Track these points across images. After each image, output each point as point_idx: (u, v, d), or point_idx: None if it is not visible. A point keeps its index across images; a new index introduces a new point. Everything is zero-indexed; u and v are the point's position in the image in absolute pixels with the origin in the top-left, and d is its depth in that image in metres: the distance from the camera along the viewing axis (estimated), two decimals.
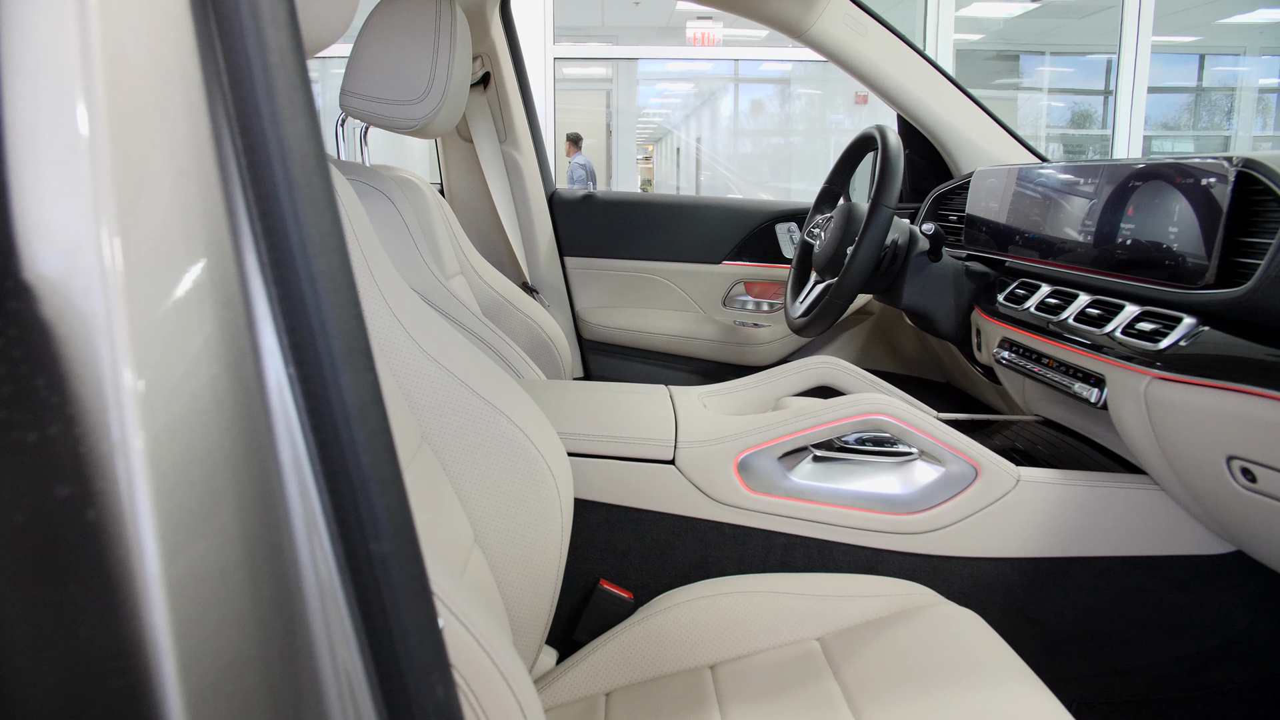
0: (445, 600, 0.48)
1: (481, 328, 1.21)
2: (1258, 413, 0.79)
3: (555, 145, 4.74)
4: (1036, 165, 1.28)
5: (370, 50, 1.19)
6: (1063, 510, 0.99)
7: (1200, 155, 0.95)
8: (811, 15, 1.52)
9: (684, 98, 8.73)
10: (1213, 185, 0.91)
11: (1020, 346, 1.18)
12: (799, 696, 0.79)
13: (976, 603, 1.01)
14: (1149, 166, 1.00)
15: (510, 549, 0.86)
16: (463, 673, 0.48)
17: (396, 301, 0.82)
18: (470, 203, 1.88)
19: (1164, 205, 0.97)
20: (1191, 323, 0.90)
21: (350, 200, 0.80)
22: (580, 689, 0.91)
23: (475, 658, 0.49)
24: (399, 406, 0.78)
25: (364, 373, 0.36)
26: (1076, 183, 1.13)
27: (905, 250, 1.36)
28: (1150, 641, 1.02)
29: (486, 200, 1.79)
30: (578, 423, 1.03)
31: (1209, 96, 7.65)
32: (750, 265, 1.92)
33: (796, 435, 1.01)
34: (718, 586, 0.95)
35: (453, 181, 1.89)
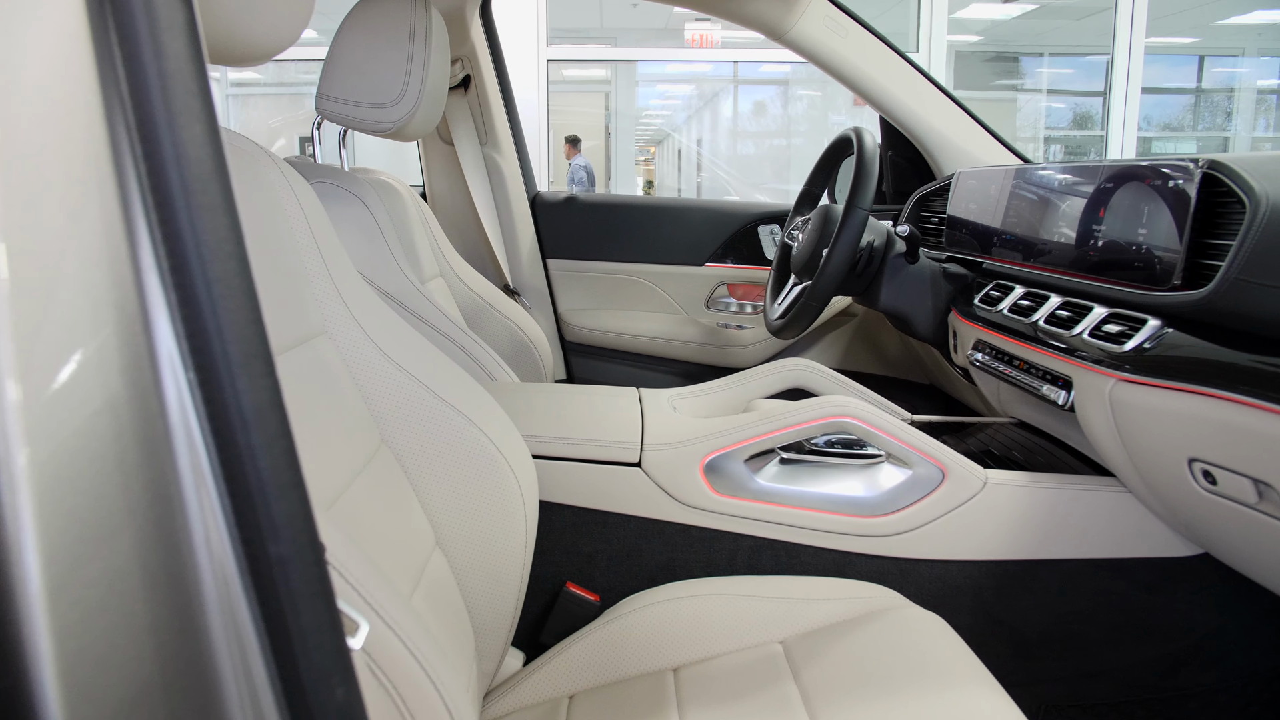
0: (372, 604, 0.48)
1: (455, 330, 1.21)
2: (1217, 415, 0.78)
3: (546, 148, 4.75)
4: (1014, 167, 1.28)
5: (345, 53, 1.19)
6: (1030, 512, 0.99)
7: (1168, 157, 0.95)
8: (791, 17, 1.52)
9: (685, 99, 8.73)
10: (1179, 187, 0.91)
11: (993, 349, 1.18)
12: (757, 700, 0.79)
13: (945, 605, 1.01)
14: (1119, 168, 1.00)
15: (472, 551, 0.86)
16: (390, 676, 0.48)
17: (356, 304, 0.82)
18: (452, 205, 1.88)
19: (1133, 207, 0.97)
20: (1156, 325, 0.90)
21: (309, 203, 0.80)
22: (544, 692, 0.91)
23: (402, 661, 0.49)
24: (356, 409, 0.79)
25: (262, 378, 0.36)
26: (1050, 184, 1.13)
27: (882, 252, 1.36)
28: (1119, 644, 1.02)
29: (468, 203, 1.80)
30: (544, 425, 1.03)
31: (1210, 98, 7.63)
32: (733, 267, 1.92)
33: (762, 438, 1.01)
34: (683, 589, 0.95)
35: (434, 184, 1.89)
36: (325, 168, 1.22)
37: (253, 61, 0.74)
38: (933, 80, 1.61)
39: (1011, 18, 6.60)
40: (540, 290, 1.93)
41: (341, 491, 0.69)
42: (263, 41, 0.71)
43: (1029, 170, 1.22)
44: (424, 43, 1.19)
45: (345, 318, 0.81)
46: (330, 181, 1.20)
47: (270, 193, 0.75)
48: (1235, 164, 0.86)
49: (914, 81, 1.58)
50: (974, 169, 1.41)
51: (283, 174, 0.79)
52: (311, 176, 1.20)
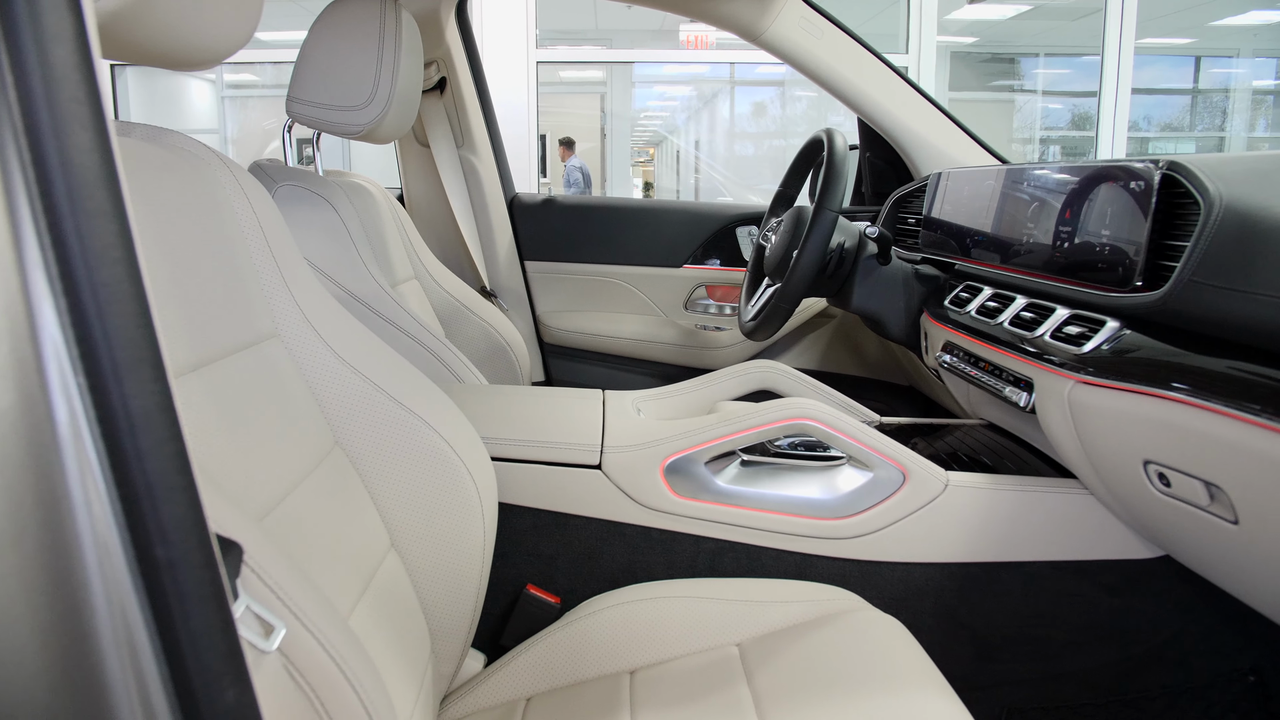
0: (291, 606, 0.49)
1: (423, 333, 1.21)
2: (1169, 417, 0.78)
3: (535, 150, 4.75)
4: (985, 168, 1.28)
5: (315, 56, 1.19)
6: (992, 515, 0.99)
7: (1132, 158, 0.95)
8: (766, 19, 1.52)
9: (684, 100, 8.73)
10: (1140, 189, 0.91)
11: (961, 350, 1.18)
12: (709, 703, 0.79)
13: (907, 608, 1.01)
14: (1084, 169, 1.00)
15: (428, 554, 0.86)
16: (308, 678, 0.49)
17: (310, 307, 0.82)
18: (429, 208, 1.88)
19: (1097, 208, 0.97)
20: (1115, 326, 0.90)
21: (262, 206, 0.80)
22: (502, 694, 0.91)
23: (320, 663, 0.49)
24: (308, 411, 0.79)
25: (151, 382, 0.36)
26: (1018, 185, 1.13)
27: (854, 253, 1.36)
28: (1082, 646, 1.01)
29: (445, 205, 1.80)
30: (504, 428, 1.03)
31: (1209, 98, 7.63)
32: (711, 269, 1.92)
33: (722, 440, 1.01)
34: (643, 591, 0.95)
35: (411, 186, 1.89)
36: (293, 170, 1.23)
37: (201, 66, 0.74)
38: (910, 81, 1.61)
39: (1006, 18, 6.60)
40: (518, 292, 1.93)
41: (287, 494, 0.69)
42: (210, 45, 0.71)
43: (999, 171, 1.22)
44: (394, 45, 1.19)
45: (298, 320, 0.81)
46: (298, 184, 1.20)
47: (219, 195, 0.76)
48: (1193, 165, 0.86)
49: (890, 82, 1.58)
50: (948, 170, 1.41)
51: (234, 176, 0.79)
52: (279, 179, 1.20)
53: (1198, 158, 0.88)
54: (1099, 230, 0.96)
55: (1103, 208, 0.96)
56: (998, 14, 6.54)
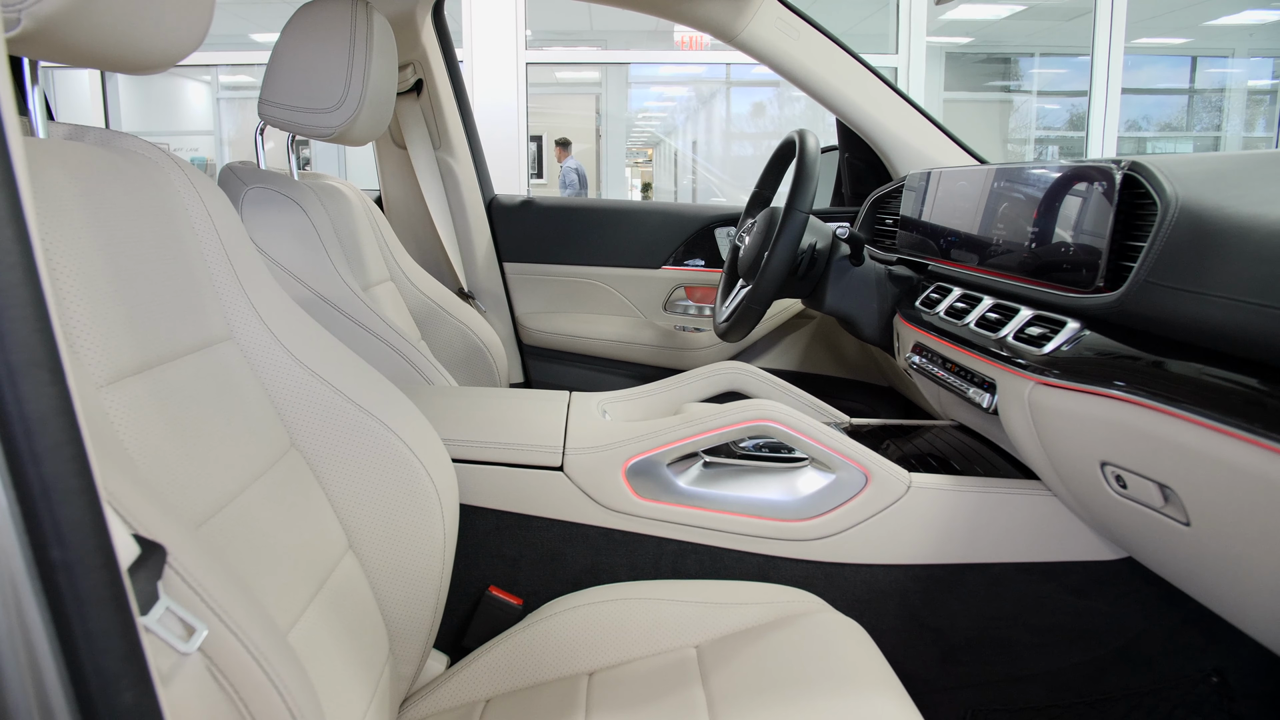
0: (214, 608, 0.49)
1: (392, 335, 1.21)
2: (1124, 418, 0.78)
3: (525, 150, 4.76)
4: (958, 169, 1.27)
5: (286, 58, 1.19)
6: (955, 516, 0.99)
7: (1096, 159, 0.94)
8: (742, 19, 1.52)
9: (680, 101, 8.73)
10: (1103, 189, 0.91)
11: (930, 351, 1.18)
12: (663, 705, 0.79)
13: (871, 609, 1.01)
14: (1052, 170, 0.99)
15: (387, 555, 0.86)
16: (231, 679, 0.49)
17: (267, 309, 0.82)
18: (407, 209, 1.88)
19: (1062, 209, 0.97)
20: (1075, 327, 0.90)
21: (218, 209, 0.80)
22: (462, 695, 0.91)
23: (243, 664, 0.49)
24: (262, 413, 0.79)
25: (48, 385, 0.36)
26: (988, 186, 1.13)
27: (827, 254, 1.35)
28: (1047, 648, 1.01)
29: (423, 207, 1.80)
30: (465, 429, 1.03)
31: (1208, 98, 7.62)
32: (690, 270, 1.92)
33: (684, 441, 1.01)
34: (605, 593, 0.95)
35: (389, 188, 1.89)
36: (264, 173, 1.23)
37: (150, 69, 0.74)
38: (888, 82, 1.61)
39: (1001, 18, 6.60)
40: (497, 294, 1.93)
41: (236, 495, 0.69)
42: (158, 49, 0.72)
43: (971, 172, 1.22)
44: (365, 47, 1.19)
45: (254, 322, 0.81)
46: (267, 187, 1.20)
47: (171, 199, 0.76)
48: (1154, 166, 0.86)
49: (867, 83, 1.58)
50: (923, 171, 1.41)
51: (189, 180, 0.79)
52: (249, 182, 1.20)
53: (1161, 158, 0.88)
54: (1064, 231, 0.95)
55: (1068, 209, 0.96)
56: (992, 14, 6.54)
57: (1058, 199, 0.98)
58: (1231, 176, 0.82)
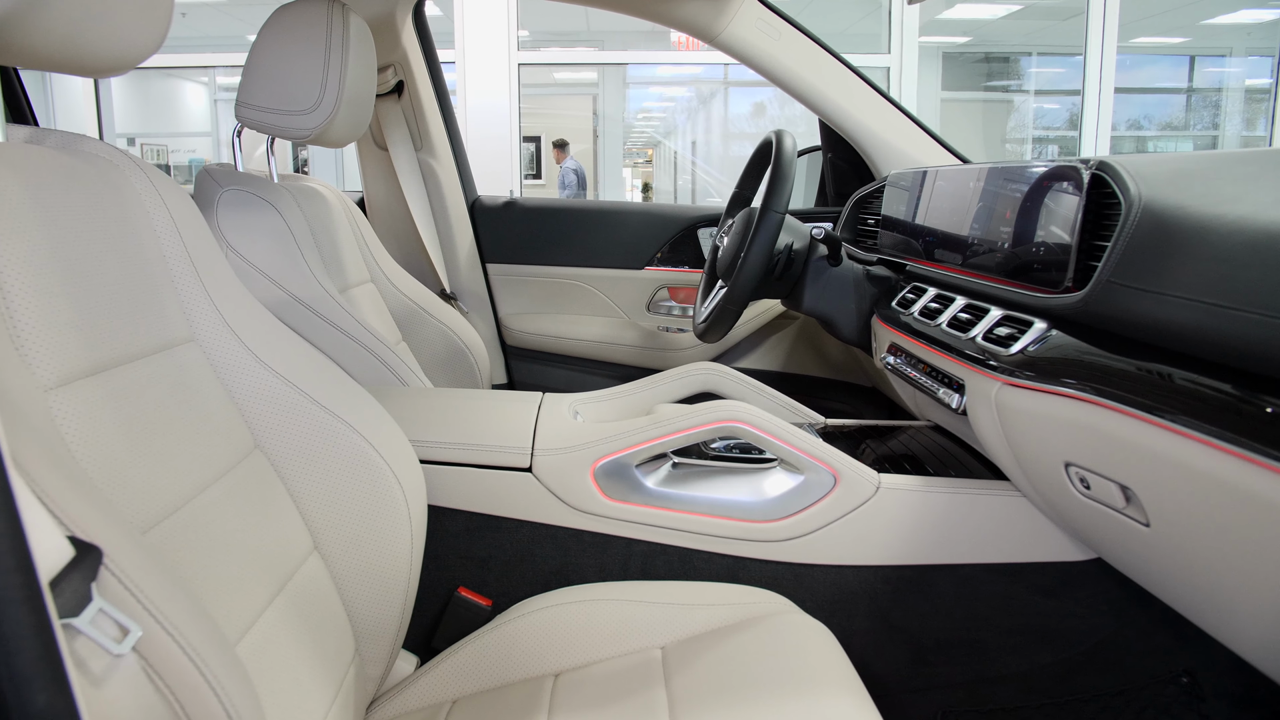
0: (150, 609, 0.49)
1: (368, 337, 1.22)
2: (1086, 419, 0.78)
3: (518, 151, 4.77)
4: (935, 169, 1.27)
5: (262, 60, 1.20)
6: (924, 517, 0.99)
7: (1067, 159, 0.94)
8: (723, 20, 1.52)
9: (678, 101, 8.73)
10: (1072, 189, 0.90)
11: (904, 352, 1.17)
12: (625, 706, 0.79)
13: (840, 611, 1.01)
14: (1024, 170, 0.99)
15: (353, 556, 0.86)
16: (167, 681, 0.49)
17: (231, 311, 0.83)
18: (390, 211, 1.89)
19: (1033, 209, 0.97)
20: (1042, 328, 0.90)
21: (181, 211, 0.80)
22: (429, 697, 0.91)
23: (179, 666, 0.49)
24: (224, 415, 0.79)
25: None
26: (962, 186, 1.13)
27: (805, 254, 1.35)
28: (1018, 649, 1.01)
29: (405, 208, 1.80)
30: (434, 430, 1.03)
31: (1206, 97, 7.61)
32: (673, 270, 1.92)
33: (652, 443, 1.01)
34: (573, 594, 0.95)
35: (371, 190, 1.89)
36: (240, 175, 1.23)
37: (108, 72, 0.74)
38: (870, 82, 1.61)
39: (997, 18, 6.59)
40: (480, 295, 1.94)
41: (193, 496, 0.69)
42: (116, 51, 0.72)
43: (946, 172, 1.22)
44: (341, 49, 1.19)
45: (217, 324, 0.81)
46: (243, 189, 1.20)
47: (130, 202, 0.76)
48: (1120, 165, 0.85)
49: (849, 83, 1.58)
50: (902, 171, 1.41)
51: (151, 183, 0.79)
52: (224, 184, 1.20)
53: (1129, 158, 0.88)
54: (1035, 231, 0.95)
55: (1038, 209, 0.95)
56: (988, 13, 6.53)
57: (1029, 199, 0.98)
58: (1196, 176, 0.82)
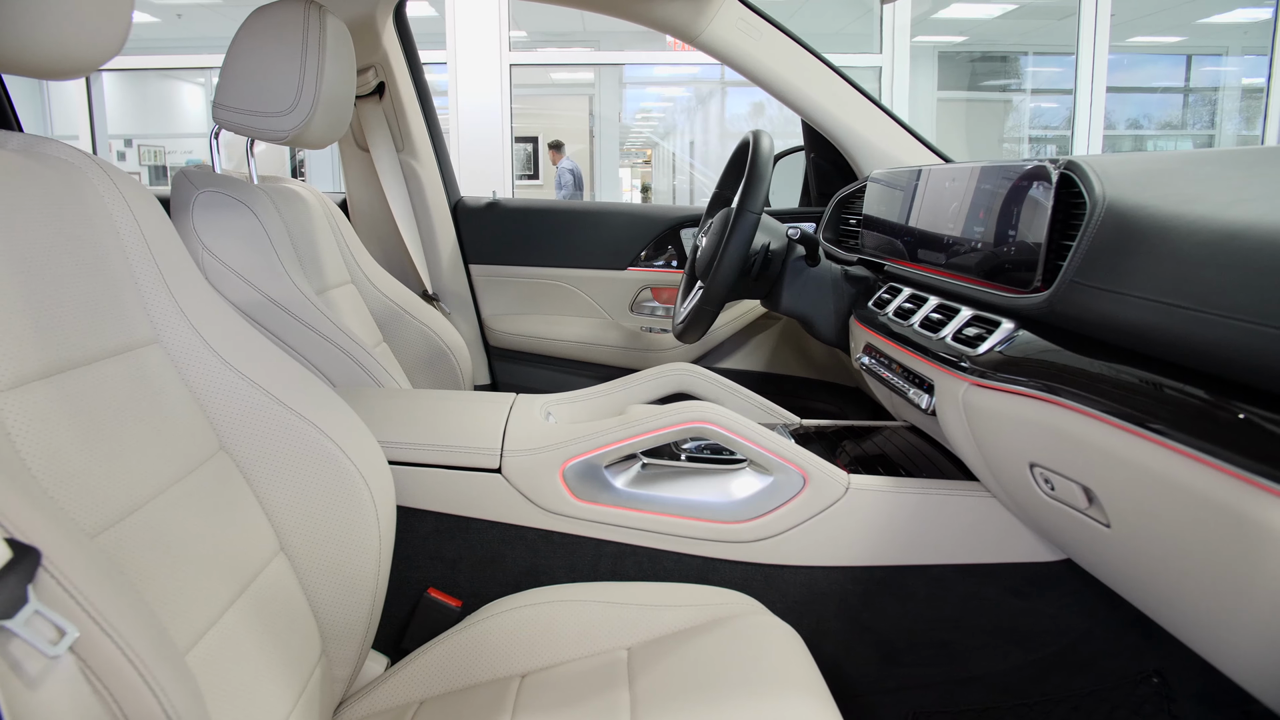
0: (89, 610, 0.49)
1: (342, 338, 1.22)
2: (1048, 419, 0.78)
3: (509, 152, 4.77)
4: (914, 168, 1.27)
5: (239, 63, 1.20)
6: (894, 518, 0.99)
7: (1038, 158, 0.94)
8: (703, 20, 1.52)
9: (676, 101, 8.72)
10: (1041, 189, 0.90)
11: (878, 353, 1.17)
12: (587, 707, 0.79)
13: (811, 612, 1.00)
14: (995, 169, 0.99)
15: (319, 557, 0.86)
16: (105, 681, 0.49)
17: (196, 313, 0.83)
18: (372, 212, 1.89)
19: (1005, 209, 0.96)
20: (1010, 328, 0.90)
21: (145, 214, 0.80)
22: (397, 697, 0.91)
23: (117, 666, 0.49)
24: (187, 416, 0.79)
25: None
26: (937, 186, 1.13)
27: (783, 254, 1.35)
28: (989, 650, 1.01)
29: (387, 209, 1.81)
30: (403, 431, 1.03)
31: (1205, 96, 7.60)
32: (655, 271, 1.92)
33: (620, 444, 1.01)
34: (542, 595, 0.95)
35: (354, 191, 1.90)
36: (216, 177, 1.23)
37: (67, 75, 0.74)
38: (852, 82, 1.61)
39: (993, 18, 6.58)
40: (463, 296, 1.94)
41: (151, 498, 0.69)
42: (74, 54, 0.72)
43: (921, 171, 1.22)
44: (318, 50, 1.19)
45: (181, 326, 0.81)
46: (219, 191, 1.21)
47: (92, 204, 0.76)
48: (1088, 165, 0.85)
49: (830, 83, 1.58)
50: (883, 171, 1.41)
51: (115, 185, 0.79)
52: (200, 186, 1.20)
53: (1099, 158, 0.88)
54: (1005, 231, 0.95)
55: (1009, 209, 0.95)
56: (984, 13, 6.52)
57: (1001, 199, 0.98)
58: (1161, 175, 0.82)
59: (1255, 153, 0.83)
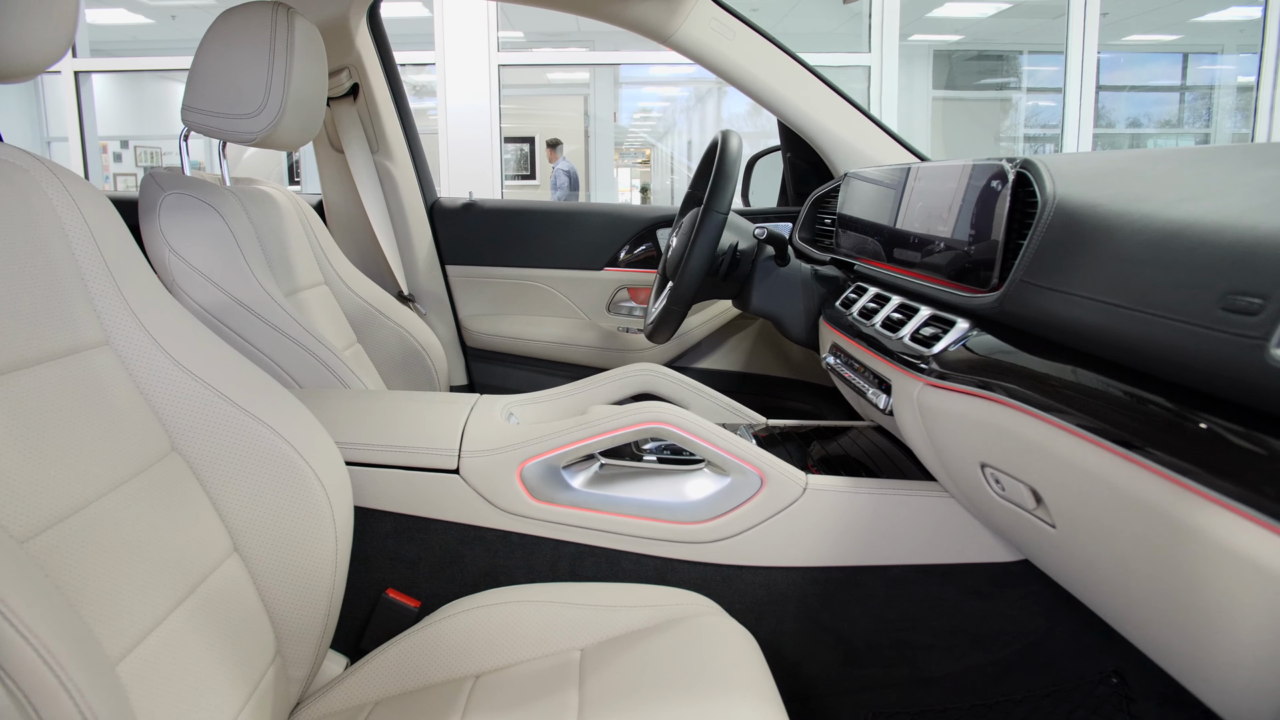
0: (4, 613, 0.49)
1: (309, 339, 1.22)
2: (997, 419, 0.78)
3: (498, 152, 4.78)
4: (886, 167, 1.27)
5: (207, 65, 1.20)
6: (853, 518, 0.98)
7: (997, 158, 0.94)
8: (675, 20, 1.52)
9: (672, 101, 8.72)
10: (999, 187, 0.90)
11: (843, 352, 1.17)
12: (536, 707, 0.79)
13: (770, 613, 1.00)
14: (957, 168, 0.99)
15: (274, 558, 0.86)
16: (19, 682, 0.49)
17: (148, 314, 0.83)
18: (347, 214, 1.89)
19: (964, 208, 0.96)
20: (964, 327, 0.90)
21: (96, 216, 0.80)
22: (353, 698, 0.91)
23: (31, 667, 0.49)
24: (137, 418, 0.79)
25: None
26: (903, 185, 1.13)
27: (753, 254, 1.35)
28: (950, 650, 1.01)
29: (363, 211, 1.81)
30: (362, 432, 1.03)
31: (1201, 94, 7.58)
32: (632, 271, 1.92)
33: (578, 444, 1.01)
34: (499, 596, 0.95)
35: (329, 193, 1.90)
36: (184, 179, 1.23)
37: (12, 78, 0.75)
38: (828, 82, 1.61)
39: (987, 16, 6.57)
40: (440, 297, 1.94)
41: (92, 500, 0.70)
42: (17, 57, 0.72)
43: (890, 171, 1.22)
44: (286, 52, 1.20)
45: (133, 328, 0.81)
46: (185, 193, 1.21)
47: (40, 207, 0.76)
48: (1042, 164, 0.85)
49: (805, 82, 1.58)
50: (857, 170, 1.41)
51: (64, 187, 0.79)
52: (167, 188, 1.21)
53: (1056, 157, 0.88)
54: (965, 230, 0.95)
55: (969, 207, 0.95)
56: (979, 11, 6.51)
57: (961, 198, 0.97)
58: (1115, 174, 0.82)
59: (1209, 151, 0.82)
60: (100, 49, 7.03)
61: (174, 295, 1.21)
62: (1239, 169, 0.72)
